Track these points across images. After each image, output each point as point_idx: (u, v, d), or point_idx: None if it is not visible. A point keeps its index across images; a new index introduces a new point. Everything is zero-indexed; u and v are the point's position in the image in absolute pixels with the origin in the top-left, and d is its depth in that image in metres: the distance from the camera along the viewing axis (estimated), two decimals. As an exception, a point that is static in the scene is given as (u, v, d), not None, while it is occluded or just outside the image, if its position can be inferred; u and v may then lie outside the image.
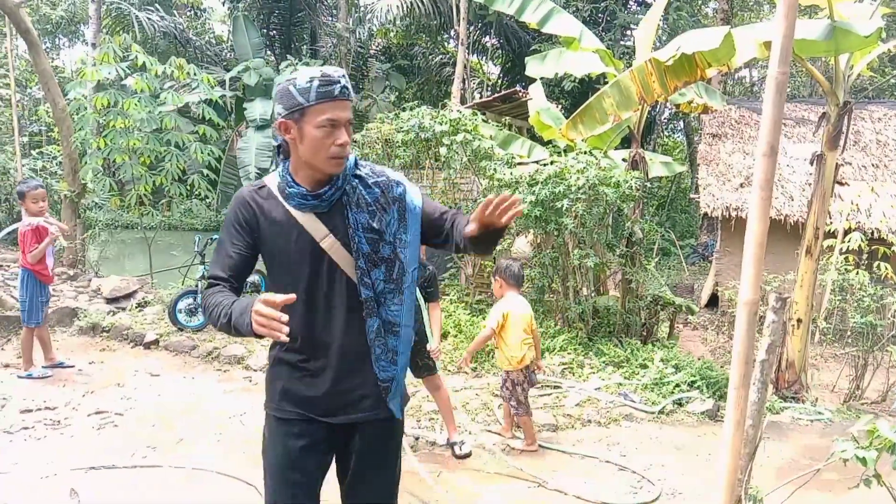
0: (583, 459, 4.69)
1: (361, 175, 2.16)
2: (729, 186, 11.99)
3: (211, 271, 2.13)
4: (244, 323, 1.83)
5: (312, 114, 1.97)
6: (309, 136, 1.99)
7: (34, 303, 5.93)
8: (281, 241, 2.08)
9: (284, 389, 2.16)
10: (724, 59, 5.85)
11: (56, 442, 4.71)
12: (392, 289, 2.14)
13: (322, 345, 2.11)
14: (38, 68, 10.01)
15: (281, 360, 2.18)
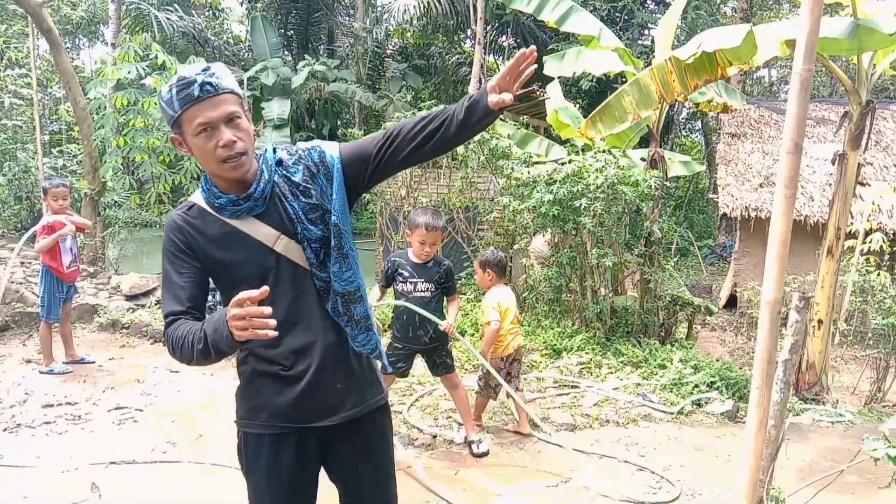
0: (601, 459, 4.66)
1: (282, 159, 2.01)
2: (748, 186, 11.90)
3: (165, 309, 1.91)
4: (222, 336, 1.64)
5: (185, 123, 1.83)
6: (193, 147, 1.86)
7: (51, 298, 6.00)
8: (227, 256, 1.93)
9: (267, 404, 2.01)
10: (745, 57, 5.80)
11: (77, 437, 4.75)
12: (337, 257, 2.00)
13: (303, 348, 1.98)
14: (59, 67, 10.10)
15: (258, 372, 2.01)
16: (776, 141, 13.05)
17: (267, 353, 1.98)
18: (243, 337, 1.61)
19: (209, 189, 1.95)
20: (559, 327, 6.99)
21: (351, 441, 2.12)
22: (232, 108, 1.86)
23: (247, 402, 2.06)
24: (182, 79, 1.82)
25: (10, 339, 7.00)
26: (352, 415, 2.07)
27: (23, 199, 12.34)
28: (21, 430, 4.81)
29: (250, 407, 2.05)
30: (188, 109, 1.81)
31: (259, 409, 2.03)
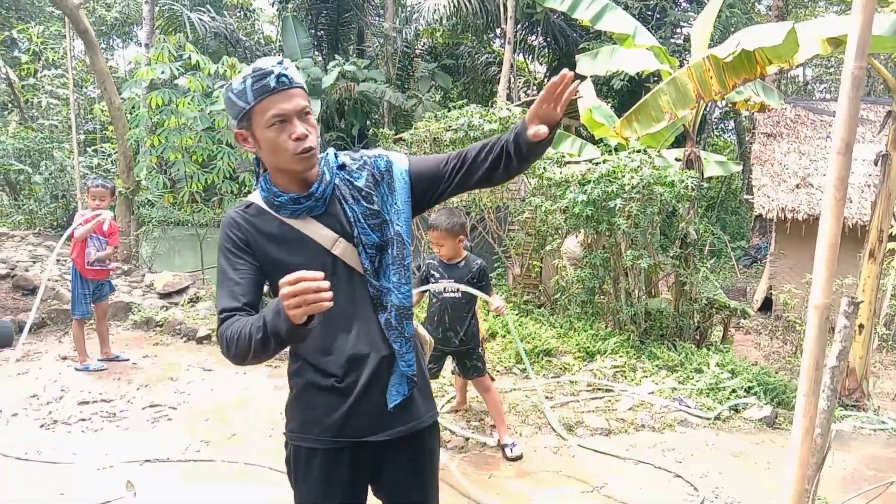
0: (637, 465, 4.58)
1: (345, 163, 2.00)
2: (784, 187, 11.69)
3: (220, 306, 1.85)
4: (282, 321, 1.57)
5: (257, 115, 1.81)
6: (263, 140, 1.83)
7: (76, 295, 6.07)
8: (285, 255, 1.88)
9: (321, 418, 1.94)
10: (785, 55, 5.67)
11: (112, 434, 4.79)
12: (397, 267, 1.97)
13: (357, 357, 1.92)
14: (94, 67, 10.24)
15: (312, 384, 1.95)
16: (813, 141, 12.80)
17: (320, 361, 1.93)
18: (299, 315, 1.54)
19: (269, 188, 1.92)
20: (592, 330, 6.90)
21: (403, 457, 2.06)
22: (304, 103, 1.85)
23: (300, 414, 2.00)
24: (258, 69, 1.80)
25: (47, 336, 7.10)
26: (406, 430, 2.01)
27: (59, 197, 12.51)
28: (57, 426, 4.86)
29: (303, 420, 1.99)
30: (262, 101, 1.80)
31: (312, 423, 1.97)
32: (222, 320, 1.81)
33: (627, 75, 16.93)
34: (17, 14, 23.60)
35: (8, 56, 17.82)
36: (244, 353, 1.72)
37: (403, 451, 2.05)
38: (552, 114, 1.82)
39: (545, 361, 6.36)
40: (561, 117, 1.85)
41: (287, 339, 1.65)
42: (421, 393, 2.07)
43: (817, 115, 13.44)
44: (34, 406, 5.20)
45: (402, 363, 1.99)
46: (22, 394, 5.42)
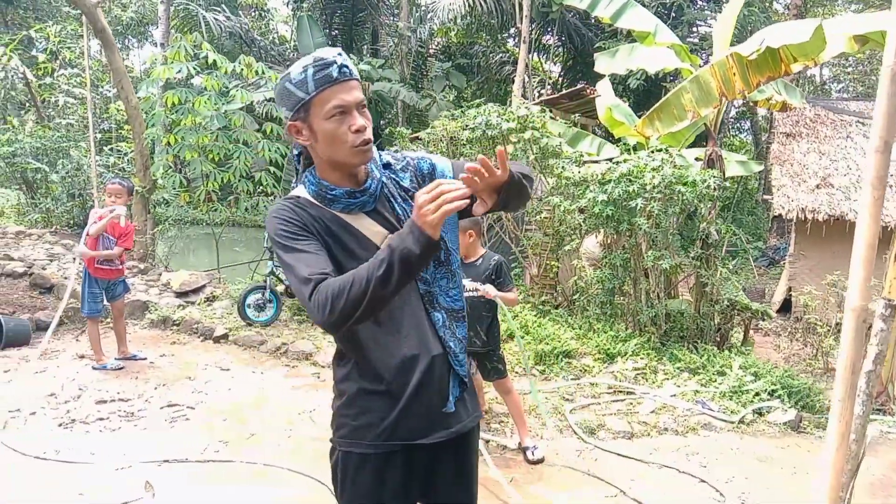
0: (660, 469, 4.50)
1: (390, 162, 1.98)
2: (804, 187, 11.53)
3: (305, 272, 1.72)
4: (415, 240, 1.57)
5: (317, 105, 1.75)
6: (322, 132, 1.77)
7: (84, 293, 6.06)
8: (337, 248, 1.83)
9: (374, 423, 1.88)
10: (812, 53, 5.58)
11: (130, 433, 4.76)
12: (444, 273, 1.94)
13: (410, 358, 1.87)
14: (112, 66, 10.26)
15: (364, 391, 1.88)
16: (833, 141, 12.63)
17: (371, 364, 1.88)
18: (439, 216, 1.55)
19: (318, 182, 1.86)
20: (612, 331, 6.81)
21: (452, 458, 2.01)
22: (361, 95, 1.81)
23: (351, 420, 1.92)
24: (320, 59, 1.75)
25: (64, 335, 7.09)
26: (458, 430, 1.97)
27: (75, 196, 12.55)
28: (75, 425, 4.84)
29: (356, 426, 1.91)
30: (324, 91, 1.75)
31: (364, 429, 1.90)
32: (315, 283, 1.69)
33: (644, 74, 16.80)
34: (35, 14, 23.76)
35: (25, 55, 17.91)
36: (355, 303, 1.63)
37: (452, 451, 2.00)
38: (498, 178, 1.71)
39: (564, 363, 6.29)
40: (506, 178, 1.74)
41: (419, 261, 1.61)
42: (468, 392, 2.05)
43: (837, 114, 13.27)
44: (52, 405, 5.18)
45: (455, 363, 1.95)
46: (40, 392, 5.40)
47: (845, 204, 11.05)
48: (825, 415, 5.80)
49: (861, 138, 12.56)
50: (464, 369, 1.97)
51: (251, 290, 7.29)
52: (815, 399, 5.96)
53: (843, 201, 11.11)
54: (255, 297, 7.25)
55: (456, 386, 1.96)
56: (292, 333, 7.05)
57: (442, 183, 1.59)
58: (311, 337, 6.92)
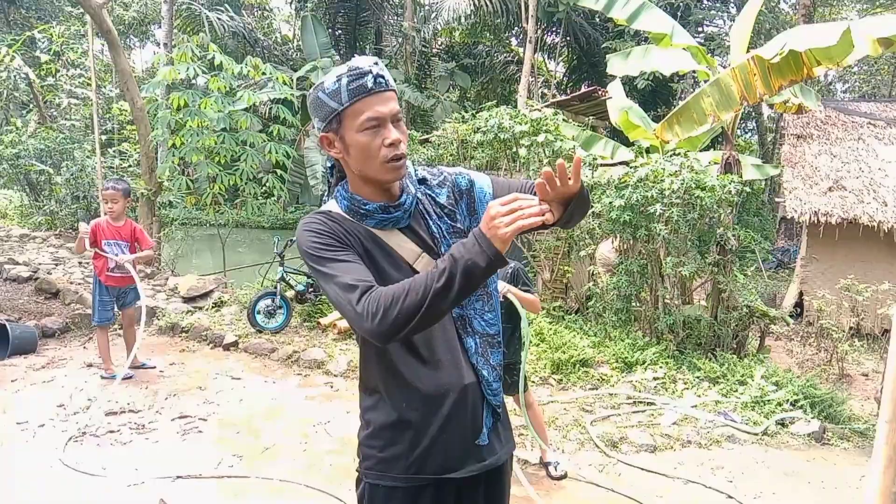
0: (686, 485, 4.39)
1: (425, 177, 1.89)
2: (816, 190, 11.40)
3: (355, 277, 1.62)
4: (482, 250, 1.48)
5: (350, 117, 1.66)
6: (354, 145, 1.69)
7: (95, 301, 5.95)
8: (372, 268, 1.71)
9: (403, 454, 1.78)
10: (837, 57, 5.47)
11: (142, 447, 4.64)
12: (481, 294, 1.83)
13: (442, 387, 1.76)
14: (117, 67, 10.13)
15: (392, 420, 1.78)
16: (844, 143, 12.50)
17: (403, 391, 1.78)
18: (511, 231, 1.47)
19: (350, 197, 1.78)
20: (629, 339, 6.69)
21: (482, 491, 1.90)
22: (398, 107, 1.72)
23: (378, 452, 1.82)
24: (355, 68, 1.66)
25: (71, 342, 6.97)
26: (491, 464, 1.86)
27: (80, 198, 12.42)
28: (86, 438, 4.72)
29: (383, 458, 1.81)
30: (358, 102, 1.66)
31: (392, 461, 1.80)
32: (363, 289, 1.59)
33: (652, 74, 16.68)
34: (37, 14, 23.65)
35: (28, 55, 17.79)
36: (410, 312, 1.52)
37: (485, 485, 1.89)
38: (568, 189, 1.60)
39: (582, 372, 6.17)
40: (578, 189, 1.64)
41: (483, 274, 1.52)
42: (502, 423, 1.93)
43: (848, 115, 13.14)
44: (61, 416, 5.06)
45: (488, 392, 1.84)
46: (48, 403, 5.28)
47: (858, 207, 10.92)
48: (849, 426, 5.69)
49: (873, 140, 12.44)
50: (498, 399, 1.86)
51: (261, 296, 7.17)
52: (838, 409, 5.84)
53: (857, 204, 10.98)
54: (265, 304, 7.13)
55: (489, 416, 1.85)
56: (303, 341, 6.93)
57: (519, 197, 1.52)
58: (322, 345, 6.80)
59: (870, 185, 11.35)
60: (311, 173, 18.35)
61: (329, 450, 4.66)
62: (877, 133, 12.60)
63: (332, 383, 5.99)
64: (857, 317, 9.71)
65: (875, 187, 11.31)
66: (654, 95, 20.25)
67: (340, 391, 5.82)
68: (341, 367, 6.17)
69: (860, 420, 5.91)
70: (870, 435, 5.55)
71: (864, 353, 9.73)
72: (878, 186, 11.33)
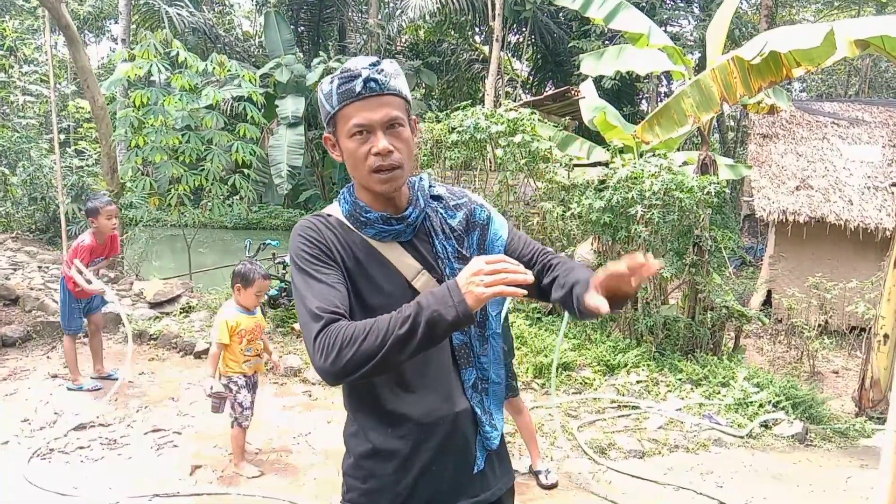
0: (678, 491, 4.33)
1: (441, 195, 1.78)
2: (784, 189, 11.55)
3: (314, 305, 1.51)
4: (452, 306, 1.36)
5: (340, 121, 1.60)
6: (345, 150, 1.62)
7: (67, 309, 5.69)
8: (363, 277, 1.63)
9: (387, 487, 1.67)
10: (818, 58, 5.47)
11: (114, 464, 4.42)
12: (477, 334, 1.72)
13: (429, 418, 1.65)
14: (77, 64, 9.78)
15: (376, 449, 1.66)
16: (810, 142, 12.69)
17: (387, 421, 1.66)
18: (490, 294, 1.36)
19: (353, 202, 1.69)
20: (609, 341, 6.64)
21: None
22: (395, 113, 1.59)
23: (361, 483, 1.70)
24: (346, 71, 1.58)
25: (33, 351, 6.65)
26: (485, 498, 1.74)
27: (37, 199, 11.96)
28: (54, 455, 4.49)
29: (366, 490, 1.70)
30: (346, 106, 1.58)
31: (377, 493, 1.69)
32: (326, 322, 1.47)
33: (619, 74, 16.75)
34: (-11, 8, 22.84)
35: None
36: (365, 357, 1.41)
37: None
38: (625, 288, 1.51)
39: (564, 376, 6.09)
40: (634, 292, 1.56)
41: (447, 330, 1.40)
42: (499, 454, 1.81)
43: (812, 115, 13.34)
44: (27, 432, 4.80)
45: (481, 431, 1.73)
46: (12, 418, 5.01)
47: (825, 206, 11.09)
48: (830, 426, 5.72)
49: (837, 139, 12.64)
50: (491, 441, 1.74)
51: (233, 301, 6.94)
52: (818, 409, 5.87)
53: (823, 203, 11.15)
54: (236, 309, 6.90)
55: (482, 448, 1.74)
56: (277, 348, 6.73)
57: (507, 260, 1.39)
58: (298, 351, 6.61)
59: (836, 184, 11.53)
60: (276, 172, 18.02)
61: (312, 463, 4.50)
62: (840, 132, 12.82)
63: (310, 392, 5.81)
64: (826, 314, 9.85)
65: (841, 186, 11.50)
66: (619, 94, 20.37)
67: (319, 400, 5.65)
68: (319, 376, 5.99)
69: (840, 420, 5.95)
70: (851, 435, 5.59)
71: (833, 351, 9.87)
72: (844, 185, 11.51)
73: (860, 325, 9.62)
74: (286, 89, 19.57)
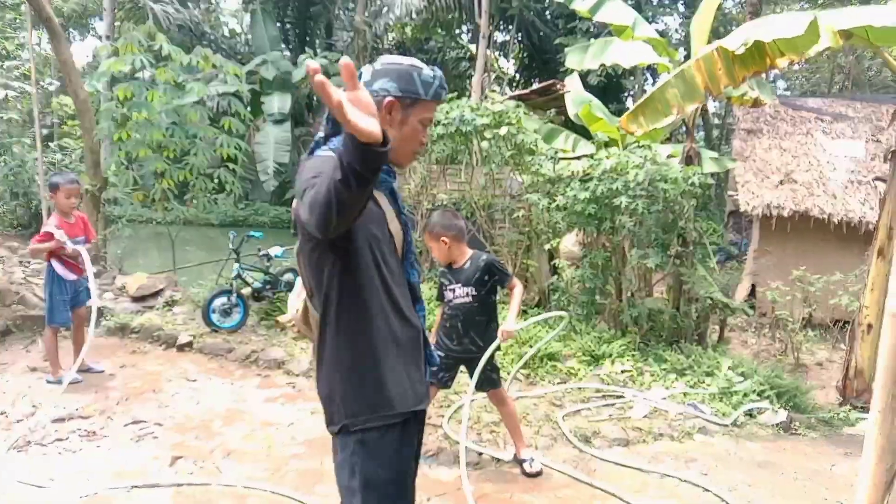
0: (662, 479, 4.32)
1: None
2: (768, 184, 11.61)
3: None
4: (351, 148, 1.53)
5: (422, 108, 1.99)
6: (409, 127, 2.00)
7: (54, 302, 5.60)
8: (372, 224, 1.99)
9: (398, 382, 2.03)
10: (802, 48, 5.47)
11: (93, 455, 4.37)
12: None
13: (418, 326, 2.14)
14: (59, 58, 9.68)
15: (393, 341, 2.03)
16: (793, 137, 12.76)
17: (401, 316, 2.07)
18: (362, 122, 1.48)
19: None
20: (594, 332, 6.63)
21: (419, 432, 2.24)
22: None
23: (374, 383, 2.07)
24: (443, 79, 2.06)
25: (13, 345, 6.57)
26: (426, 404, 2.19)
27: (19, 195, 11.83)
28: (31, 447, 4.42)
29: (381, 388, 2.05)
30: (433, 102, 2.02)
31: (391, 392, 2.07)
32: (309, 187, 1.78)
33: (605, 70, 16.78)
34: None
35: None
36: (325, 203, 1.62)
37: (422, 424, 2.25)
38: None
39: (549, 366, 6.08)
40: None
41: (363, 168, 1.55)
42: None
43: (796, 110, 13.41)
44: (3, 425, 4.74)
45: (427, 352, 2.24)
46: (-11, 411, 4.95)
47: (809, 200, 11.16)
48: (814, 415, 5.73)
49: (820, 134, 12.72)
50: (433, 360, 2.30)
51: (216, 294, 6.88)
52: (803, 399, 5.89)
53: (807, 197, 11.21)
54: (220, 302, 6.84)
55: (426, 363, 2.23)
56: (262, 340, 6.68)
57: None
58: (282, 344, 6.56)
59: (819, 179, 11.60)
60: (262, 168, 17.95)
61: (294, 453, 4.45)
62: (824, 128, 12.89)
63: (293, 383, 5.77)
64: (810, 307, 9.88)
65: (824, 181, 11.57)
66: (605, 91, 20.40)
67: (303, 391, 5.61)
68: (303, 367, 5.95)
69: (824, 409, 5.96)
70: (835, 423, 5.61)
71: (817, 343, 9.92)
72: (828, 180, 11.59)
73: (844, 318, 9.67)
74: (272, 86, 19.49)
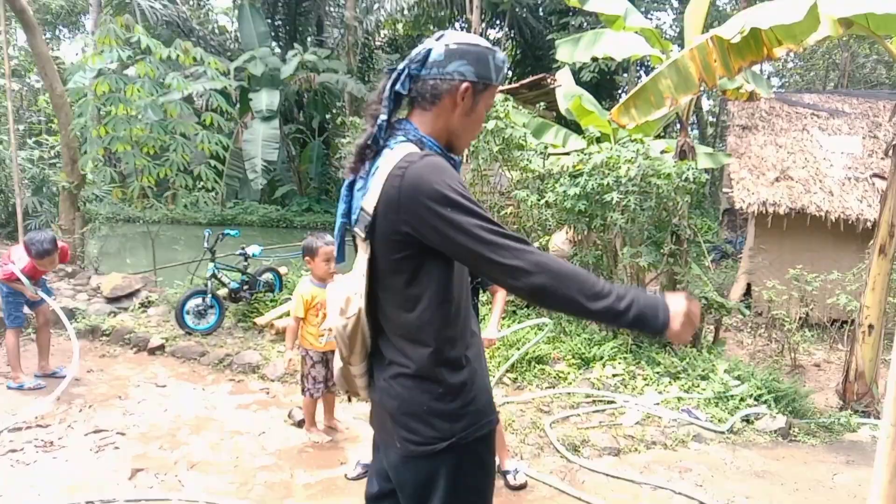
0: (655, 491, 4.07)
1: None
2: (763, 181, 11.35)
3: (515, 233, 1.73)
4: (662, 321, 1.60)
5: (489, 94, 1.87)
6: (476, 112, 1.87)
7: (8, 302, 5.34)
8: None
9: (487, 388, 1.92)
10: (800, 36, 5.22)
11: (47, 467, 4.08)
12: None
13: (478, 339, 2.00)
14: (34, 51, 9.39)
15: (470, 359, 1.85)
16: (789, 133, 12.52)
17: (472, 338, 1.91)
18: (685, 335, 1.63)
19: (441, 149, 1.86)
20: (585, 333, 6.38)
21: None
22: None
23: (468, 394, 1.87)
24: (506, 62, 1.93)
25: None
26: None
27: (-4, 193, 11.53)
28: (-18, 459, 4.14)
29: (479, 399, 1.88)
30: (497, 89, 1.89)
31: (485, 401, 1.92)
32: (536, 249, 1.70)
33: (598, 66, 16.55)
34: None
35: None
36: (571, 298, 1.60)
37: None
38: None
39: (538, 370, 5.82)
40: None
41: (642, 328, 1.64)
42: None
43: (791, 106, 13.18)
44: (-44, 434, 4.46)
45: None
46: (-58, 419, 4.66)
47: (805, 197, 10.91)
48: (814, 420, 5.48)
49: (816, 130, 12.49)
50: None
51: (190, 295, 6.59)
52: (802, 403, 5.64)
53: (804, 194, 10.97)
54: (194, 303, 6.55)
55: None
56: (237, 343, 6.40)
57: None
58: (258, 347, 6.28)
59: (815, 176, 11.36)
60: (250, 166, 17.62)
61: (263, 465, 4.18)
62: (820, 124, 12.67)
63: (268, 389, 5.49)
64: (807, 307, 9.64)
65: (821, 177, 11.33)
66: (598, 88, 20.15)
67: (278, 397, 5.34)
68: (278, 371, 5.68)
69: (824, 414, 5.72)
70: (836, 429, 5.37)
71: (815, 344, 9.68)
72: (824, 177, 11.35)
73: (841, 318, 9.44)
74: (260, 82, 19.18)
